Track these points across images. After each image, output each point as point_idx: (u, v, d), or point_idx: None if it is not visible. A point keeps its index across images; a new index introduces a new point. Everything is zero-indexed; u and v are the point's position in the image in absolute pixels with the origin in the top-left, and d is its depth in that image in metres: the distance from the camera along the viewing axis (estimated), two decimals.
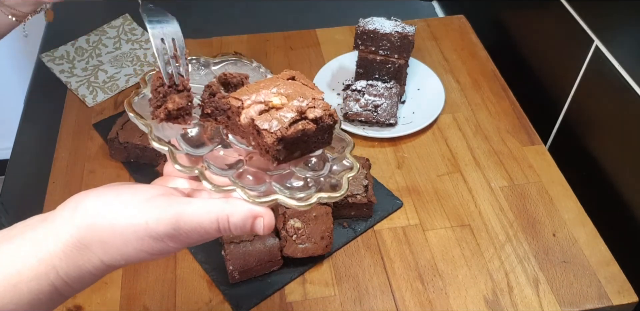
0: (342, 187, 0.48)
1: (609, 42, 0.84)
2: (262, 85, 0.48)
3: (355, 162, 0.50)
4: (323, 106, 0.47)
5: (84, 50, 1.18)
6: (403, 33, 0.96)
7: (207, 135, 0.51)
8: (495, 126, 1.02)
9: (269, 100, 0.46)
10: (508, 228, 0.87)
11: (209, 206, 0.42)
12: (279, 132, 0.44)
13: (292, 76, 0.49)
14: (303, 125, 0.45)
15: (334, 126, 0.48)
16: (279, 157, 0.46)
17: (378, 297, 0.79)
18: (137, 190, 0.42)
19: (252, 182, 0.47)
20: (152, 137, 0.47)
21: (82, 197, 0.43)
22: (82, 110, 1.06)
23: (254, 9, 1.35)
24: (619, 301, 0.78)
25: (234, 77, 0.51)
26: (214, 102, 0.49)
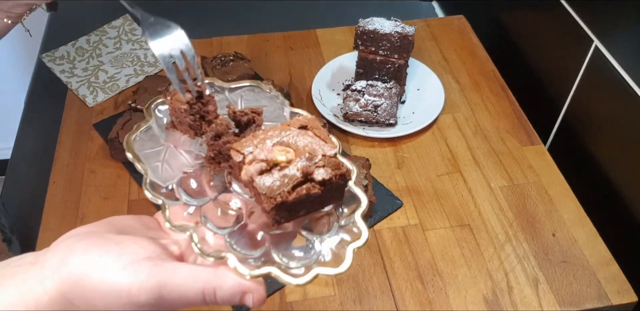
0: (345, 260, 0.42)
1: (608, 42, 0.85)
2: (269, 134, 0.43)
3: (366, 229, 0.44)
4: (334, 165, 0.41)
5: (84, 50, 1.18)
6: (403, 33, 0.96)
7: (208, 181, 0.47)
8: (494, 126, 1.02)
9: (273, 158, 0.41)
10: (508, 228, 0.87)
11: (196, 276, 0.40)
12: (279, 198, 0.40)
13: (304, 125, 0.44)
14: (307, 189, 0.41)
15: (346, 184, 0.43)
16: (279, 220, 0.42)
17: (378, 297, 0.79)
18: (123, 250, 0.40)
19: (249, 244, 0.44)
20: (146, 187, 0.44)
21: (70, 247, 0.41)
22: (82, 110, 1.06)
23: (254, 9, 1.35)
24: (618, 301, 0.78)
25: (245, 115, 0.46)
26: (218, 146, 0.45)
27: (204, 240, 0.43)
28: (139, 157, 0.46)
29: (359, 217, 0.45)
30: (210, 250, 0.42)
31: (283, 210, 0.41)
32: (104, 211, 0.89)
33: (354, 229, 0.44)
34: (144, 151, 0.47)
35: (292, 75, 1.13)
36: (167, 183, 0.46)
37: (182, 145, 0.48)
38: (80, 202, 0.91)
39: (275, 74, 1.13)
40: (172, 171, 0.47)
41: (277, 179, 0.41)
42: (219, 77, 1.04)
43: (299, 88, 1.10)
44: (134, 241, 0.41)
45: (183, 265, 0.41)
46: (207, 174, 0.47)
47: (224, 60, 1.07)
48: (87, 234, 0.42)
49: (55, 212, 0.90)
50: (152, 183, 0.45)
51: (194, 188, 0.46)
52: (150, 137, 0.47)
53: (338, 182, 0.42)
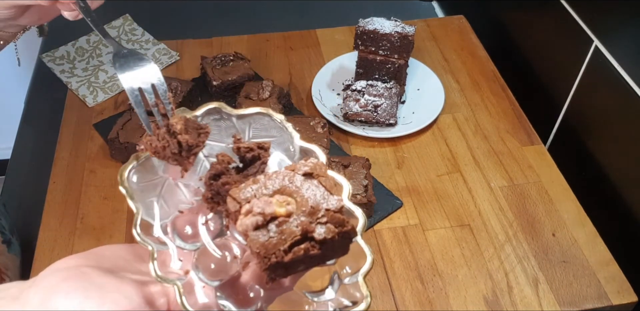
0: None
1: (608, 42, 0.85)
2: (270, 181, 0.39)
3: (369, 295, 0.40)
4: (337, 222, 0.37)
5: (84, 50, 1.18)
6: (403, 33, 0.96)
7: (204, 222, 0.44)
8: (494, 126, 1.02)
9: (271, 212, 0.37)
10: (508, 228, 0.87)
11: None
12: (274, 258, 0.36)
13: (309, 172, 0.40)
14: (306, 250, 0.37)
15: (350, 241, 0.39)
16: (274, 278, 0.38)
17: (378, 297, 0.79)
18: (105, 298, 0.39)
19: (240, 300, 0.41)
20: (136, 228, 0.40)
21: (53, 288, 0.40)
22: (82, 110, 1.06)
23: (254, 9, 1.35)
24: (618, 301, 0.78)
25: (251, 151, 0.43)
26: (217, 186, 0.42)
27: (191, 293, 0.40)
28: (132, 193, 0.42)
29: (361, 279, 0.41)
30: (197, 305, 0.39)
31: (279, 268, 0.38)
32: (104, 211, 0.89)
33: (356, 294, 0.41)
34: (141, 183, 0.44)
35: (292, 75, 1.13)
36: (161, 222, 0.43)
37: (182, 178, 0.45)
38: (80, 202, 0.91)
39: (275, 74, 1.13)
40: (167, 208, 0.44)
41: (273, 236, 0.37)
42: (219, 76, 1.04)
43: (299, 88, 1.10)
44: (117, 288, 0.40)
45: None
46: (203, 213, 0.44)
47: (224, 60, 1.07)
48: (72, 271, 0.40)
49: (55, 212, 0.90)
50: (143, 224, 0.42)
51: (188, 231, 0.44)
52: (149, 168, 0.44)
53: (340, 240, 0.38)
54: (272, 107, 0.98)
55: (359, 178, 0.86)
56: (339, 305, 0.41)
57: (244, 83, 1.03)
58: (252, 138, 0.47)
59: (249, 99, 0.99)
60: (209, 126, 0.44)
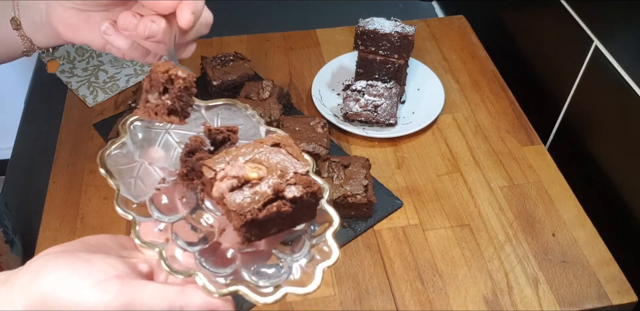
0: (315, 279, 0.41)
1: (608, 42, 0.85)
2: (242, 151, 0.43)
3: (337, 248, 0.43)
4: (305, 183, 0.41)
5: (84, 50, 1.18)
6: (403, 33, 0.96)
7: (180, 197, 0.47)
8: (495, 126, 1.02)
9: (244, 174, 0.41)
10: (508, 228, 0.87)
11: (162, 295, 0.40)
12: (249, 215, 0.40)
13: (277, 143, 0.44)
14: (278, 207, 0.40)
15: (318, 202, 0.43)
16: (249, 238, 0.42)
17: (378, 297, 0.79)
18: (92, 268, 0.41)
19: (219, 262, 0.44)
20: (117, 201, 0.44)
21: (42, 265, 0.42)
22: (82, 110, 1.06)
23: (254, 9, 1.35)
24: (618, 301, 0.78)
25: (220, 133, 0.47)
26: (191, 162, 0.45)
27: (173, 258, 0.43)
28: (112, 172, 0.45)
29: (330, 235, 0.44)
30: (179, 267, 0.42)
31: (253, 228, 0.41)
32: (103, 211, 0.89)
33: (324, 248, 0.44)
34: (118, 167, 0.46)
35: (292, 75, 1.13)
36: (140, 199, 0.46)
37: (157, 161, 0.48)
38: (80, 202, 0.91)
39: (275, 73, 1.13)
40: (145, 187, 0.47)
41: (247, 196, 0.40)
42: (219, 76, 1.04)
43: (299, 88, 1.10)
44: (103, 259, 0.42)
45: (151, 283, 0.41)
46: (179, 191, 0.47)
47: (224, 60, 1.07)
48: (59, 253, 0.42)
49: (55, 212, 0.90)
50: (124, 199, 0.45)
51: (166, 204, 0.46)
52: (125, 153, 0.47)
53: (309, 200, 0.42)
54: (272, 107, 0.98)
55: (359, 178, 0.86)
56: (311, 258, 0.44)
57: (244, 83, 1.03)
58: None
59: (249, 99, 0.99)
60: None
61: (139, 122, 0.49)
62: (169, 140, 0.50)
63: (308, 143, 0.92)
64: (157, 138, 0.49)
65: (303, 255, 0.44)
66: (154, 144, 0.49)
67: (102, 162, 0.46)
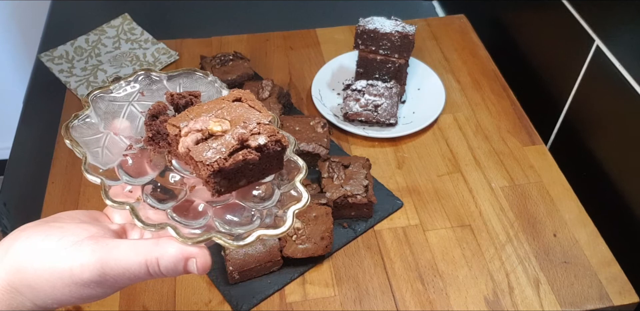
0: (286, 222, 0.42)
1: (609, 42, 0.84)
2: (204, 108, 0.44)
3: (305, 192, 0.45)
4: (269, 131, 0.42)
5: (83, 49, 1.17)
6: (403, 33, 0.96)
7: (149, 161, 0.47)
8: (495, 126, 1.02)
9: (208, 128, 0.42)
10: (509, 228, 0.86)
11: (137, 249, 0.41)
12: (216, 164, 0.40)
13: (238, 97, 0.45)
14: (244, 155, 0.41)
15: (283, 152, 0.44)
16: (219, 189, 0.42)
17: (378, 297, 0.79)
18: (65, 232, 0.41)
19: (191, 216, 0.44)
20: (85, 167, 0.45)
21: (15, 236, 0.42)
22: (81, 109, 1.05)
23: (254, 9, 1.35)
24: (620, 301, 0.78)
25: (183, 97, 0.47)
26: (156, 125, 0.46)
27: (145, 217, 0.43)
28: (77, 142, 0.46)
29: (298, 182, 0.45)
30: (150, 221, 0.42)
31: (222, 179, 0.41)
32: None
33: (294, 193, 0.45)
34: (84, 138, 0.47)
35: (292, 74, 1.12)
36: (108, 166, 0.46)
37: (122, 132, 0.49)
38: (79, 202, 0.90)
39: (275, 73, 1.12)
40: (112, 155, 0.47)
41: (213, 147, 0.41)
42: (219, 76, 1.03)
43: (299, 88, 1.10)
44: (75, 225, 0.42)
45: (124, 240, 0.42)
46: (147, 156, 0.47)
47: (223, 60, 1.06)
48: (30, 224, 0.43)
49: (54, 211, 0.88)
50: (92, 166, 0.46)
51: (134, 168, 0.47)
52: (90, 125, 0.48)
53: (275, 149, 0.42)
54: (272, 106, 0.97)
55: (359, 178, 0.86)
56: (282, 205, 0.45)
57: (244, 83, 1.02)
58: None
59: None
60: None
61: (102, 94, 0.50)
62: (133, 111, 0.50)
63: (308, 143, 0.92)
64: (121, 110, 0.50)
65: (273, 203, 0.45)
66: (118, 116, 0.49)
67: (66, 132, 0.46)
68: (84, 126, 0.48)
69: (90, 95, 0.49)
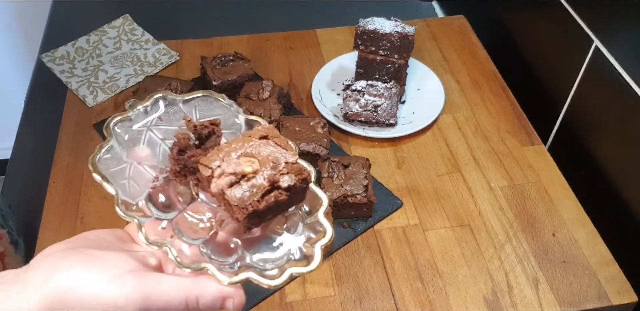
0: (314, 258, 0.44)
1: (608, 42, 0.85)
2: (233, 146, 0.45)
3: (330, 226, 0.46)
4: (296, 171, 0.44)
5: (84, 50, 1.18)
6: (403, 33, 0.96)
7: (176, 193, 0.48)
8: (495, 126, 1.02)
9: (240, 171, 0.43)
10: (508, 228, 0.87)
11: (178, 285, 0.42)
12: (250, 207, 0.42)
13: (264, 135, 0.46)
14: (276, 197, 0.43)
15: (307, 187, 0.46)
16: (250, 227, 0.44)
17: (378, 297, 0.79)
18: (106, 264, 0.42)
19: (222, 252, 0.46)
20: (119, 206, 0.46)
21: (53, 265, 0.42)
22: (82, 110, 1.06)
23: (254, 9, 1.35)
24: (618, 301, 0.78)
25: (206, 128, 0.48)
26: (183, 160, 0.46)
27: (180, 252, 0.45)
28: (107, 177, 0.47)
29: (321, 215, 0.47)
30: (187, 260, 0.44)
31: (254, 218, 0.43)
32: (103, 211, 0.89)
33: (319, 228, 0.47)
34: (109, 170, 0.48)
35: (292, 75, 1.13)
36: (137, 200, 0.47)
37: (145, 160, 0.49)
38: (80, 202, 0.91)
39: (275, 73, 1.13)
40: (139, 187, 0.48)
41: (246, 190, 0.43)
42: (219, 76, 1.04)
43: (299, 88, 1.10)
44: (114, 255, 0.43)
45: (165, 275, 0.43)
46: (173, 187, 0.48)
47: (224, 60, 1.07)
48: (67, 251, 0.43)
49: (55, 212, 0.89)
50: (123, 202, 0.46)
51: (163, 202, 0.48)
52: (113, 155, 0.49)
53: (302, 186, 0.44)
54: (272, 106, 0.98)
55: (359, 178, 0.86)
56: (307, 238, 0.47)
57: (244, 83, 1.03)
58: (200, 118, 0.51)
59: (249, 99, 0.99)
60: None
61: (122, 122, 0.50)
62: (152, 137, 0.50)
63: (308, 143, 0.92)
64: (141, 137, 0.50)
65: (298, 235, 0.47)
66: (138, 143, 0.50)
67: (94, 167, 0.47)
68: (109, 157, 0.48)
69: (112, 124, 0.49)
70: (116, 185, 0.47)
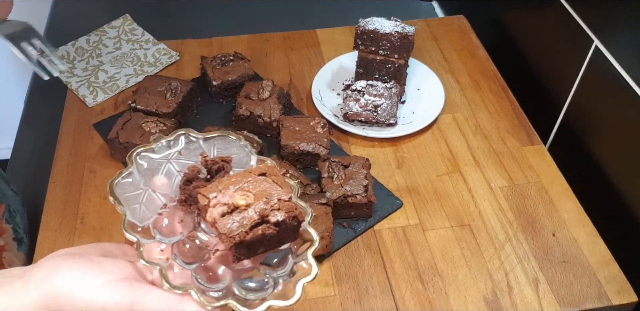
0: (295, 294, 0.47)
1: (608, 42, 0.85)
2: (232, 180, 0.48)
3: (315, 265, 0.49)
4: (287, 208, 0.47)
5: (84, 50, 1.18)
6: (403, 33, 0.96)
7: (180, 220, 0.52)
8: (495, 126, 1.02)
9: (234, 202, 0.46)
10: (508, 228, 0.87)
11: (164, 300, 0.45)
12: (237, 237, 0.45)
13: (263, 172, 0.49)
14: (263, 230, 0.46)
15: (300, 225, 0.48)
16: (239, 257, 0.47)
17: (378, 297, 0.79)
18: (104, 270, 0.46)
19: (212, 278, 0.49)
20: (124, 225, 0.49)
21: (56, 265, 0.46)
22: (82, 110, 1.06)
23: (254, 9, 1.35)
24: (618, 301, 0.78)
25: (216, 163, 0.52)
26: (189, 190, 0.50)
27: (173, 272, 0.48)
28: (120, 200, 0.51)
29: (310, 254, 0.49)
30: (177, 280, 0.47)
31: (242, 248, 0.46)
32: (103, 211, 0.89)
33: (304, 265, 0.49)
34: (125, 194, 0.52)
35: (292, 75, 1.13)
36: (144, 224, 0.51)
37: (160, 189, 0.53)
38: (80, 201, 0.91)
39: (275, 73, 1.13)
40: (148, 212, 0.52)
41: (236, 221, 0.45)
42: (219, 76, 1.04)
43: (299, 88, 1.10)
44: (113, 263, 0.47)
45: (155, 288, 0.46)
46: (179, 215, 0.52)
47: (224, 60, 1.07)
48: (72, 254, 0.47)
49: (55, 211, 0.89)
50: (130, 223, 0.50)
51: (167, 227, 0.51)
52: (132, 182, 0.53)
53: (292, 223, 0.47)
54: (272, 107, 0.98)
55: (359, 178, 0.86)
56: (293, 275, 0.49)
57: (244, 83, 1.03)
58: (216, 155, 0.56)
59: (249, 99, 0.99)
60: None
61: (144, 153, 0.54)
62: (170, 169, 0.55)
63: (308, 143, 0.92)
64: (160, 168, 0.55)
65: (286, 272, 0.49)
66: (157, 173, 0.54)
67: (111, 190, 0.51)
68: (127, 183, 0.53)
69: (135, 153, 0.54)
70: (127, 208, 0.51)
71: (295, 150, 0.92)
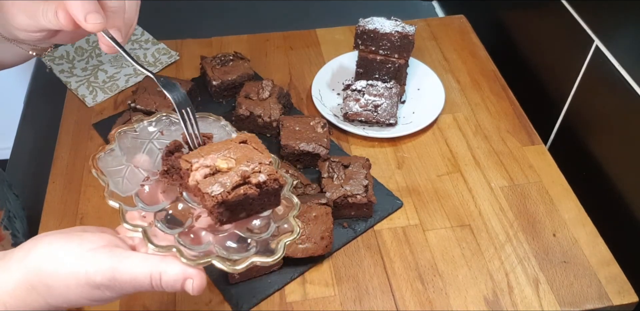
0: (277, 252, 0.48)
1: (609, 42, 0.84)
2: (214, 147, 0.50)
3: (297, 226, 0.50)
4: (268, 171, 0.48)
5: (83, 50, 1.18)
6: (403, 33, 0.96)
7: (162, 191, 0.53)
8: (495, 126, 1.02)
9: (216, 164, 0.48)
10: (508, 228, 0.87)
11: (146, 261, 0.46)
12: (220, 196, 0.46)
13: (244, 140, 0.51)
14: (245, 190, 0.46)
15: (280, 189, 0.49)
16: (221, 219, 0.47)
17: (378, 297, 0.79)
18: (84, 240, 0.46)
19: (195, 241, 0.49)
20: (106, 193, 0.51)
21: (37, 241, 0.47)
22: (82, 110, 1.06)
23: (254, 9, 1.35)
24: (619, 301, 0.78)
25: (197, 138, 0.53)
26: (171, 160, 0.51)
27: (155, 237, 0.48)
28: (102, 171, 0.53)
29: (292, 217, 0.51)
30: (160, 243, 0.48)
31: (225, 210, 0.47)
32: (103, 211, 0.89)
33: (287, 227, 0.51)
34: (108, 168, 0.53)
35: (292, 75, 1.13)
36: (126, 194, 0.52)
37: (142, 165, 0.55)
38: (79, 202, 0.91)
39: (275, 73, 1.13)
40: (131, 185, 0.53)
41: (218, 182, 0.47)
42: (219, 76, 1.04)
43: (299, 88, 1.10)
44: (92, 233, 0.48)
45: (135, 252, 0.47)
46: (161, 187, 0.53)
47: (224, 60, 1.06)
48: (52, 233, 0.48)
49: (55, 212, 0.89)
50: (113, 193, 0.52)
51: (149, 197, 0.53)
52: (114, 157, 0.55)
53: (273, 186, 0.48)
54: (272, 106, 0.97)
55: (359, 178, 0.86)
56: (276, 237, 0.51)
57: (244, 83, 1.03)
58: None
59: (249, 99, 0.99)
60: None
61: (126, 132, 0.56)
62: (152, 148, 0.56)
63: (308, 143, 0.92)
64: (142, 146, 0.56)
65: (268, 235, 0.51)
66: (139, 151, 0.55)
67: (93, 163, 0.53)
68: (109, 158, 0.54)
69: (117, 133, 0.55)
70: (110, 180, 0.52)
71: (295, 150, 0.92)
